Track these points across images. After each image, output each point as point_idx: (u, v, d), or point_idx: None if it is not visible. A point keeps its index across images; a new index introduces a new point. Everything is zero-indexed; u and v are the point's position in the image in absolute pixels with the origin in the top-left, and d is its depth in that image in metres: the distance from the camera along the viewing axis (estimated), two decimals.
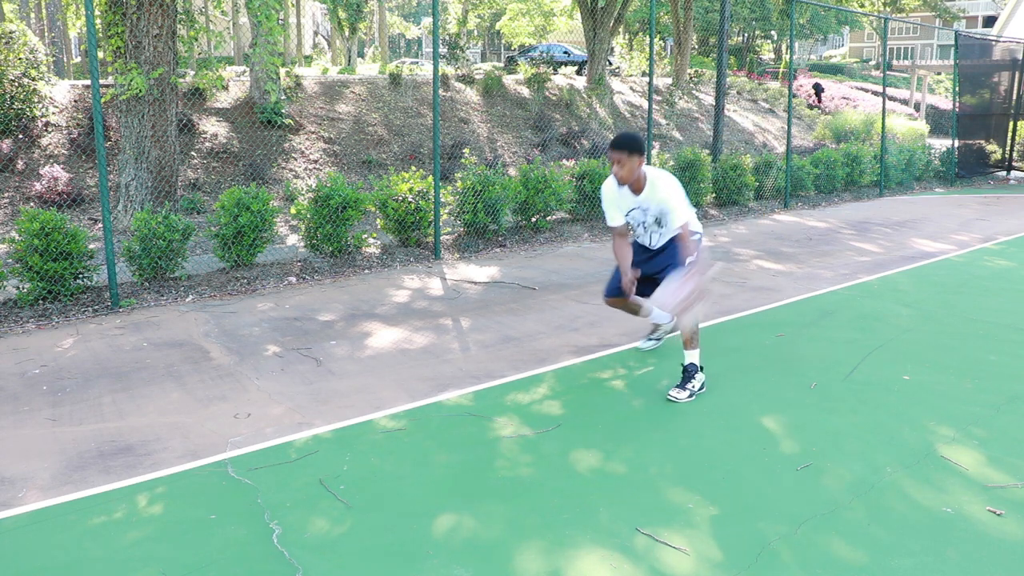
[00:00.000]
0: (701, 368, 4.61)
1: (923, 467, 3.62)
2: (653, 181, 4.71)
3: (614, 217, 4.86)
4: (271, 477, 3.59)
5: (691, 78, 26.11)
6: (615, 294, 5.01)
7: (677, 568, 2.85)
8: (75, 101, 13.62)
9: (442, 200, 9.33)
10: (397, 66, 20.65)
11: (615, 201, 4.84)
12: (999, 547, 2.97)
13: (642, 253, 4.99)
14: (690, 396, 4.49)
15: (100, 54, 9.30)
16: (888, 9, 37.52)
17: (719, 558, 2.91)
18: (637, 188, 4.74)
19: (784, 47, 51.31)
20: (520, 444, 3.93)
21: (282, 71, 15.90)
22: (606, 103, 20.97)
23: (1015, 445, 3.86)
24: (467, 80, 19.58)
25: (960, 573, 2.80)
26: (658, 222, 4.82)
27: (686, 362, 4.59)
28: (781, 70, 35.58)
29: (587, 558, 2.91)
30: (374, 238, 8.92)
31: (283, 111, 14.98)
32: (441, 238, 9.00)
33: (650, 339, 5.50)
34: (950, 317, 6.18)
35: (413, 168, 9.79)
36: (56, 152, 12.41)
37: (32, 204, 10.45)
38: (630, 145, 4.61)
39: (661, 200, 4.69)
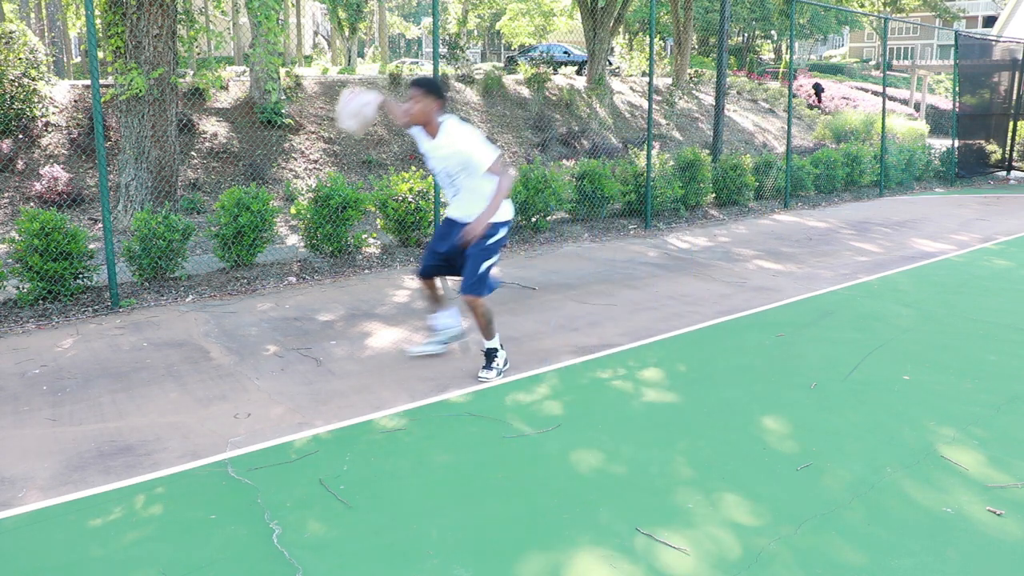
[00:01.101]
0: (501, 346, 4.97)
1: (923, 467, 3.62)
2: (449, 129, 4.64)
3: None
4: (271, 477, 3.59)
5: (691, 78, 26.11)
6: (426, 273, 5.06)
7: (677, 568, 2.85)
8: (75, 101, 13.62)
9: (442, 200, 9.33)
10: (397, 66, 20.67)
11: (417, 138, 4.82)
12: (999, 547, 2.97)
13: (447, 226, 4.91)
14: (498, 374, 4.88)
15: (100, 54, 9.30)
16: (888, 9, 37.53)
17: (719, 558, 2.91)
18: (432, 131, 4.67)
19: (784, 47, 51.32)
20: (520, 444, 3.93)
21: (282, 71, 15.90)
22: (606, 103, 20.97)
23: (1015, 445, 3.86)
24: (467, 80, 19.57)
25: (960, 573, 2.80)
26: (458, 176, 4.72)
27: (486, 347, 4.90)
28: (781, 70, 35.59)
29: (587, 558, 2.91)
30: (374, 238, 8.92)
31: (283, 111, 14.98)
32: None
33: (430, 343, 5.38)
34: (950, 317, 6.18)
35: (413, 168, 9.79)
36: (56, 152, 12.41)
37: (32, 204, 10.45)
38: (428, 85, 4.64)
39: (457, 147, 4.59)
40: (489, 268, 4.75)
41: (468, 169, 4.64)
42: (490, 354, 4.92)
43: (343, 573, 2.84)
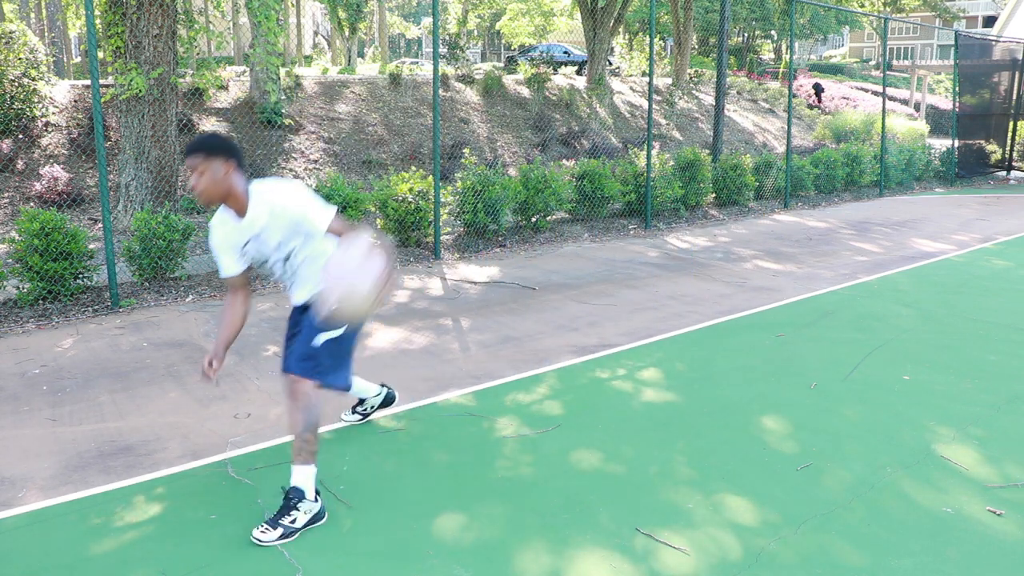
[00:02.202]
0: (317, 493, 3.22)
1: (923, 467, 3.62)
2: (259, 192, 3.22)
3: (227, 263, 3.34)
4: (271, 477, 3.58)
5: (691, 78, 26.11)
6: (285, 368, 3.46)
7: (677, 568, 2.85)
8: (75, 101, 13.62)
9: (442, 200, 9.33)
10: (397, 66, 20.66)
11: (226, 238, 3.30)
12: (999, 547, 2.97)
13: (294, 326, 3.58)
14: (285, 535, 3.06)
15: (100, 54, 9.30)
16: (888, 9, 37.56)
17: (719, 558, 2.91)
18: (240, 208, 3.23)
19: (784, 47, 51.31)
20: (520, 444, 3.93)
21: (282, 71, 15.90)
22: (606, 103, 20.97)
23: (1015, 445, 3.86)
24: (467, 80, 19.58)
25: (960, 573, 2.80)
26: (293, 252, 3.32)
27: (291, 484, 3.19)
28: (781, 70, 35.59)
29: (587, 558, 2.91)
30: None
31: (283, 111, 14.98)
32: (441, 238, 9.00)
33: (355, 412, 4.26)
34: (950, 317, 6.18)
35: (413, 168, 9.80)
36: (56, 152, 12.41)
37: (32, 204, 10.45)
38: (210, 146, 3.20)
39: (279, 210, 3.19)
40: (332, 345, 3.34)
41: (302, 235, 3.26)
42: (292, 497, 3.13)
43: (343, 573, 2.85)
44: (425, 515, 3.23)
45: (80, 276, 6.77)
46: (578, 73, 25.14)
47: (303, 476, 3.16)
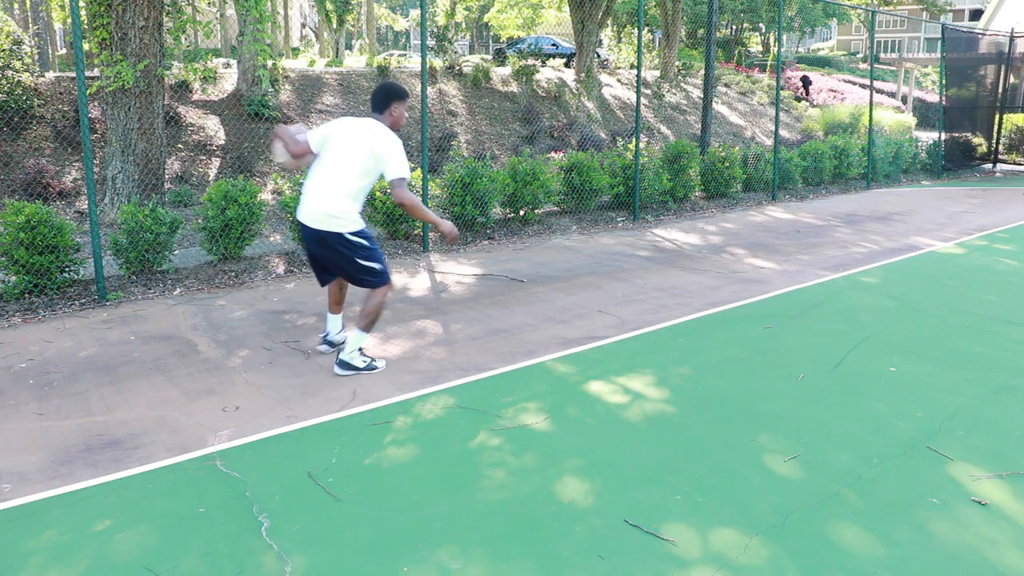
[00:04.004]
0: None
1: (909, 458, 3.65)
2: None
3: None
4: (259, 470, 3.58)
5: (679, 71, 26.12)
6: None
7: (665, 559, 2.86)
8: (60, 93, 13.52)
9: (430, 193, 9.31)
10: (385, 58, 20.59)
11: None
12: (984, 537, 2.99)
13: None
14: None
15: (85, 46, 9.23)
16: (876, 2, 37.65)
17: (707, 549, 2.92)
18: None
19: (772, 39, 51.40)
20: (509, 436, 3.93)
21: (269, 63, 15.83)
22: (594, 96, 20.97)
23: (1000, 436, 3.89)
24: (455, 73, 19.53)
25: (945, 563, 2.83)
26: None
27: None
28: (769, 62, 35.64)
29: (575, 549, 2.92)
30: None
31: (271, 104, 14.91)
32: (429, 231, 8.99)
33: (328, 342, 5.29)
34: (937, 309, 6.22)
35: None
36: (41, 145, 12.32)
37: (17, 197, 10.38)
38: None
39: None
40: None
41: None
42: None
43: (332, 565, 2.85)
44: (414, 508, 3.23)
45: (66, 269, 6.74)
46: (566, 66, 25.14)
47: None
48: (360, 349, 4.86)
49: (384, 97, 4.72)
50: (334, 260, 4.73)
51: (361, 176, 4.64)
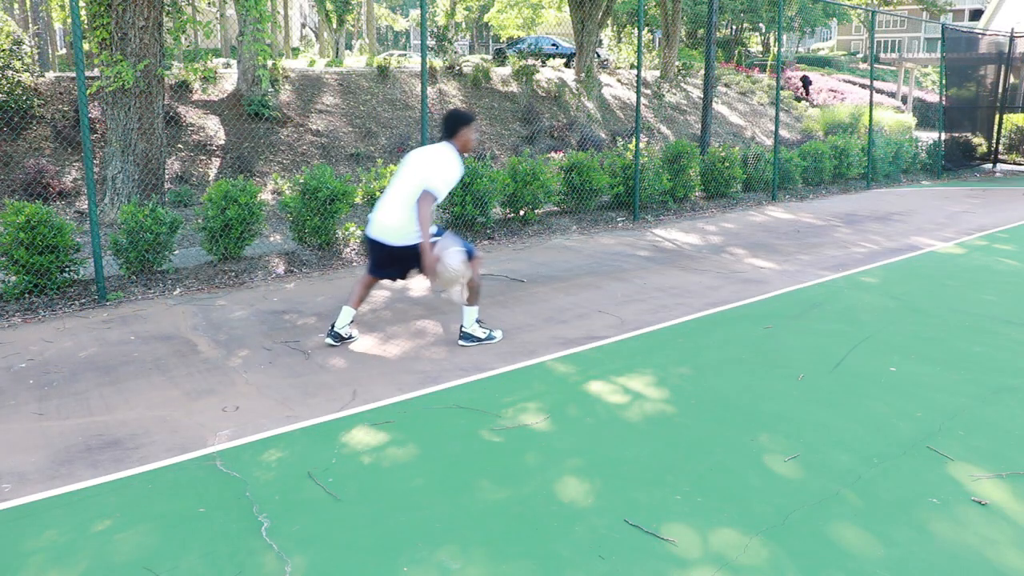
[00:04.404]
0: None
1: (909, 458, 3.65)
2: None
3: (446, 191, 5.14)
4: (259, 470, 3.58)
5: (679, 71, 26.13)
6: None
7: (665, 559, 2.86)
8: (60, 93, 13.52)
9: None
10: (385, 59, 20.59)
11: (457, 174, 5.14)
12: (984, 537, 2.99)
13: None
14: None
15: (85, 46, 9.24)
16: (876, 2, 37.65)
17: (707, 549, 2.92)
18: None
19: (772, 39, 51.41)
20: (508, 436, 3.93)
21: (269, 63, 15.84)
22: (594, 96, 20.97)
23: (1000, 436, 3.89)
24: (455, 73, 19.53)
25: (945, 563, 2.83)
26: None
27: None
28: (769, 62, 35.65)
29: (576, 549, 2.92)
30: (362, 231, 8.90)
31: (270, 104, 14.91)
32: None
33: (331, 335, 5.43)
34: (936, 309, 6.22)
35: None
36: (41, 145, 12.32)
37: (17, 197, 10.37)
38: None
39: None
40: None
41: None
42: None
43: (332, 565, 2.85)
44: (414, 508, 3.23)
45: (66, 269, 6.74)
46: (566, 66, 25.14)
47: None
48: (478, 321, 5.34)
49: (452, 124, 5.12)
50: (406, 270, 5.21)
51: (416, 189, 4.97)
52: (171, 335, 5.69)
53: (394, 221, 5.03)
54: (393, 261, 5.17)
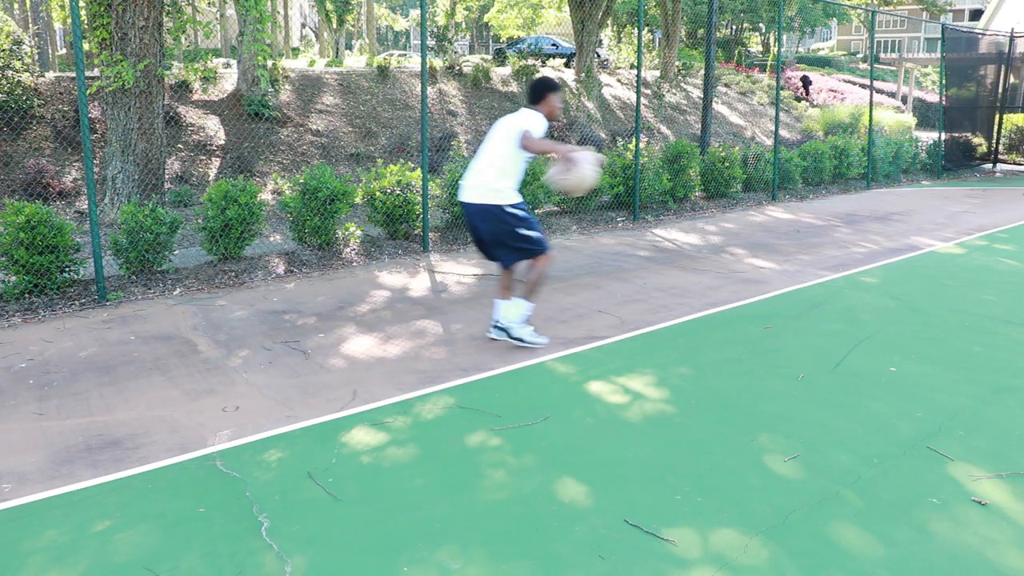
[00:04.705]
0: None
1: (909, 458, 3.65)
2: None
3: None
4: (259, 470, 3.58)
5: (679, 71, 26.13)
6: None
7: (665, 559, 2.86)
8: (60, 93, 13.52)
9: (430, 193, 9.31)
10: (385, 58, 20.59)
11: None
12: (984, 537, 2.99)
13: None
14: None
15: (85, 46, 9.24)
16: (876, 2, 37.65)
17: (707, 549, 2.92)
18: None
19: (772, 39, 51.41)
20: (508, 436, 3.93)
21: (269, 63, 15.84)
22: (594, 96, 20.97)
23: (1000, 436, 3.89)
24: (455, 73, 19.53)
25: (945, 563, 2.83)
26: None
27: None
28: (769, 62, 35.65)
29: (576, 549, 2.92)
30: (362, 231, 8.90)
31: (271, 104, 14.91)
32: (429, 231, 8.99)
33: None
34: (936, 309, 6.22)
35: (401, 160, 9.78)
36: (41, 145, 12.32)
37: (17, 197, 10.37)
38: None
39: None
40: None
41: None
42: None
43: (332, 565, 2.85)
44: (414, 508, 3.23)
45: (66, 269, 6.74)
46: (566, 66, 25.13)
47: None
48: (525, 319, 5.28)
49: (540, 89, 5.16)
50: (494, 233, 5.10)
51: (508, 151, 5.01)
52: (171, 335, 5.69)
53: (480, 180, 5.08)
54: (475, 228, 5.23)
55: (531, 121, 5.02)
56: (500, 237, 5.10)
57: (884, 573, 2.76)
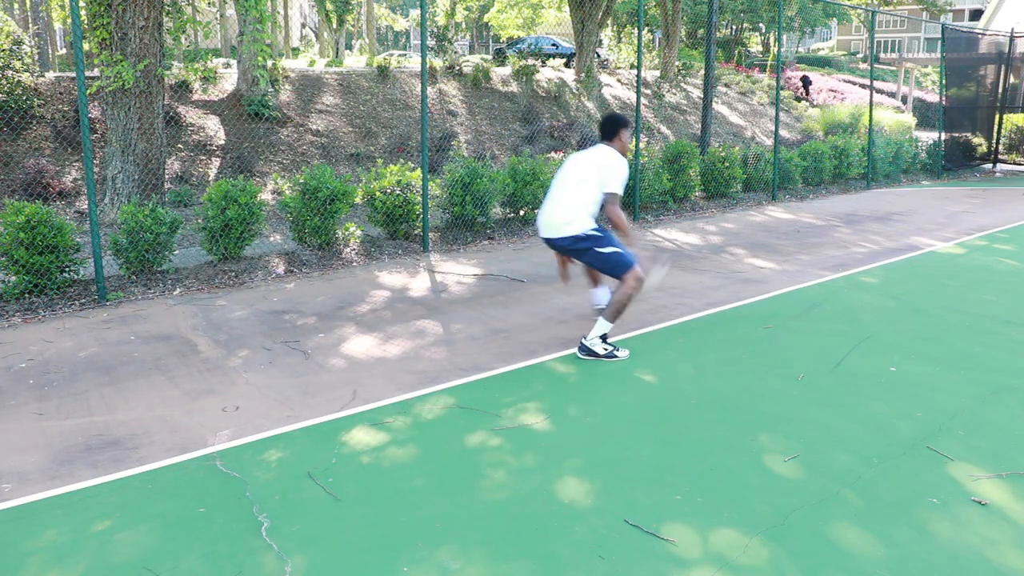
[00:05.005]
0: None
1: (909, 458, 3.65)
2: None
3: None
4: (259, 470, 3.58)
5: (679, 71, 26.13)
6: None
7: (665, 559, 2.86)
8: (60, 93, 13.52)
9: (430, 193, 9.31)
10: (385, 59, 20.59)
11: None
12: (984, 537, 2.99)
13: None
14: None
15: (85, 46, 9.24)
16: (876, 2, 37.65)
17: (707, 549, 2.92)
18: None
19: (772, 39, 51.41)
20: (508, 436, 3.93)
21: (269, 63, 15.84)
22: (594, 96, 20.97)
23: (1000, 436, 3.89)
24: (455, 73, 19.53)
25: (945, 563, 2.83)
26: None
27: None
28: (769, 62, 35.64)
29: (576, 549, 2.92)
30: (362, 231, 8.90)
31: (270, 104, 14.91)
32: (429, 231, 8.99)
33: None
34: (936, 309, 6.22)
35: (401, 160, 9.78)
36: (41, 145, 12.32)
37: (17, 197, 10.37)
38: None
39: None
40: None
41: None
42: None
43: (332, 565, 2.85)
44: (414, 508, 3.23)
45: (66, 269, 6.74)
46: (566, 66, 25.13)
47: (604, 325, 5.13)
48: (603, 337, 5.14)
49: (614, 126, 5.40)
50: (578, 258, 5.40)
51: (587, 188, 5.26)
52: (171, 335, 5.69)
53: (559, 216, 5.28)
54: (559, 251, 5.53)
55: (615, 175, 5.25)
56: (585, 259, 5.34)
57: (884, 573, 2.76)
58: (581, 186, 5.25)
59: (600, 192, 5.24)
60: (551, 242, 5.40)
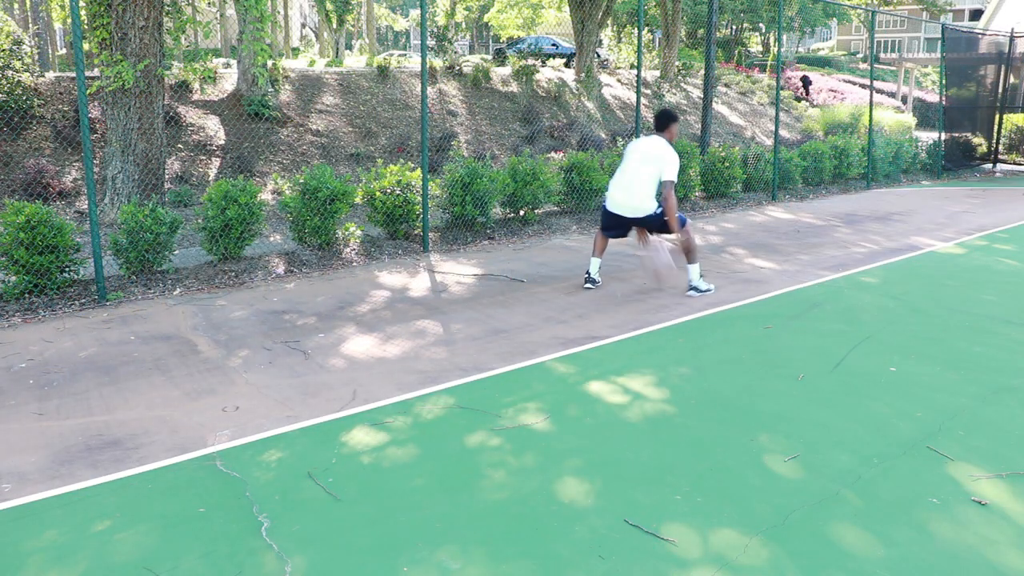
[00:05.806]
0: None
1: (909, 458, 3.65)
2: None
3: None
4: (259, 470, 3.58)
5: (679, 71, 26.13)
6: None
7: (665, 559, 2.86)
8: (60, 93, 13.52)
9: (430, 193, 9.31)
10: (385, 59, 20.59)
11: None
12: (984, 537, 2.99)
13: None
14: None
15: (85, 46, 9.24)
16: (876, 2, 37.65)
17: (707, 549, 2.92)
18: None
19: (772, 39, 51.41)
20: (508, 436, 3.93)
21: (268, 63, 15.84)
22: (594, 96, 20.97)
23: (1000, 436, 3.89)
24: (455, 73, 19.53)
25: (945, 563, 2.83)
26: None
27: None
28: (769, 62, 35.64)
29: (576, 549, 2.92)
30: (362, 231, 8.90)
31: (270, 104, 14.91)
32: (429, 231, 8.99)
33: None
34: (936, 309, 6.22)
35: (401, 160, 9.78)
36: (41, 145, 12.32)
37: (17, 197, 10.37)
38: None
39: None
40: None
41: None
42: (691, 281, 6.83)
43: (332, 565, 2.85)
44: (414, 508, 3.23)
45: (66, 269, 6.74)
46: (566, 66, 25.13)
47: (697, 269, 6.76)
48: (701, 276, 6.77)
49: (666, 120, 6.79)
50: (642, 224, 6.85)
51: (652, 174, 6.62)
52: (171, 335, 5.69)
53: (634, 200, 6.68)
54: (620, 224, 6.89)
55: (671, 163, 6.56)
56: (649, 225, 6.83)
57: (884, 573, 2.76)
58: (647, 174, 6.58)
59: (659, 177, 6.56)
60: (626, 219, 6.79)
